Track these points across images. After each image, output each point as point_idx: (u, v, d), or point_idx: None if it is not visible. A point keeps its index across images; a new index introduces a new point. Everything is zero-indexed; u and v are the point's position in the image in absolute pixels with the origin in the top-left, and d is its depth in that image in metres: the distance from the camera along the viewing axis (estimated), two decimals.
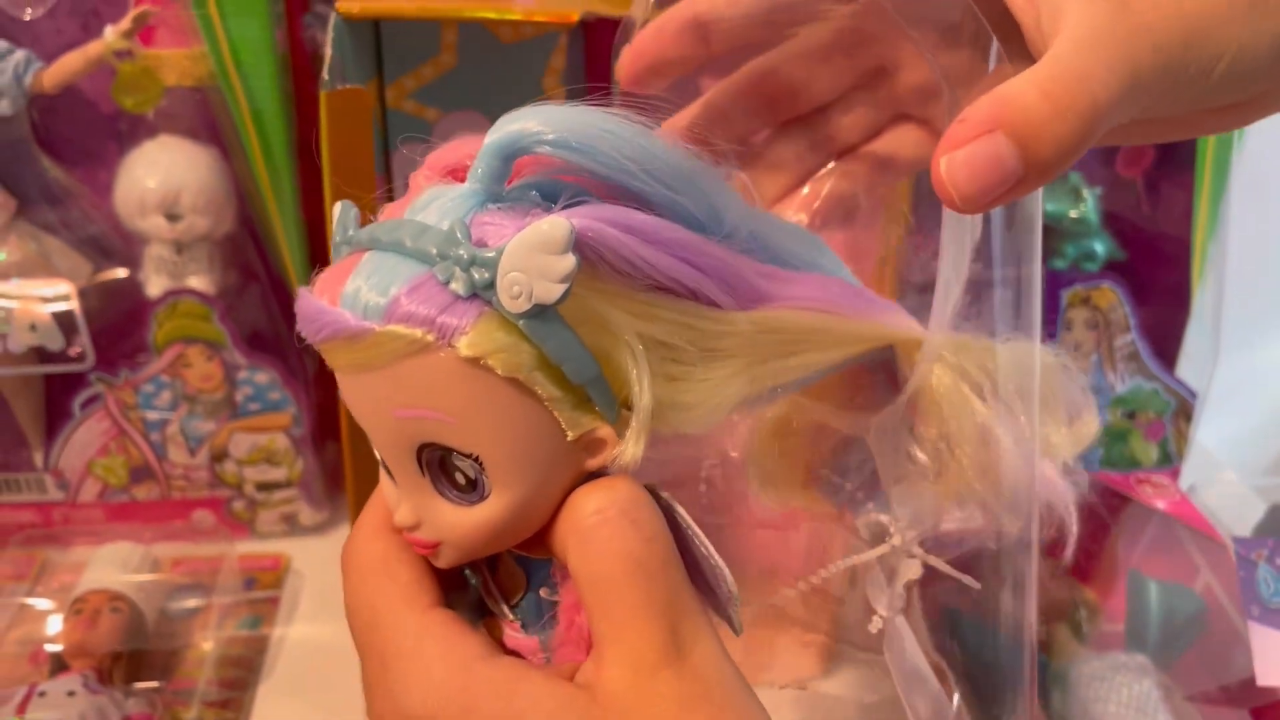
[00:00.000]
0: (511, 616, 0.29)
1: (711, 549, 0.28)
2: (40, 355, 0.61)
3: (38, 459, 0.64)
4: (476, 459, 0.25)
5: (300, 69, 0.63)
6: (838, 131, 0.37)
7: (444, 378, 0.25)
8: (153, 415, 0.63)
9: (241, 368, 0.62)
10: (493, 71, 0.49)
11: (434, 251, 0.24)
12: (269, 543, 0.67)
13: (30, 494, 0.64)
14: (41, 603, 0.59)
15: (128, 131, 0.61)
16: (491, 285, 0.24)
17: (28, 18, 0.57)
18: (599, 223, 0.25)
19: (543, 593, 0.28)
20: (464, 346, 0.24)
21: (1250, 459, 0.79)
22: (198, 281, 0.61)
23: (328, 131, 0.37)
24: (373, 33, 0.47)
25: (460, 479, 0.26)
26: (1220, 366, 0.68)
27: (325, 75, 0.36)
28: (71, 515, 0.65)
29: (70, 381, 0.62)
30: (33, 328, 0.59)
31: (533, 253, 0.24)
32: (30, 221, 0.61)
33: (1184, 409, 0.69)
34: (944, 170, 0.25)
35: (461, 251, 0.24)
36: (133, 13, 0.57)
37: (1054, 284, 0.66)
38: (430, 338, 0.24)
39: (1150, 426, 0.69)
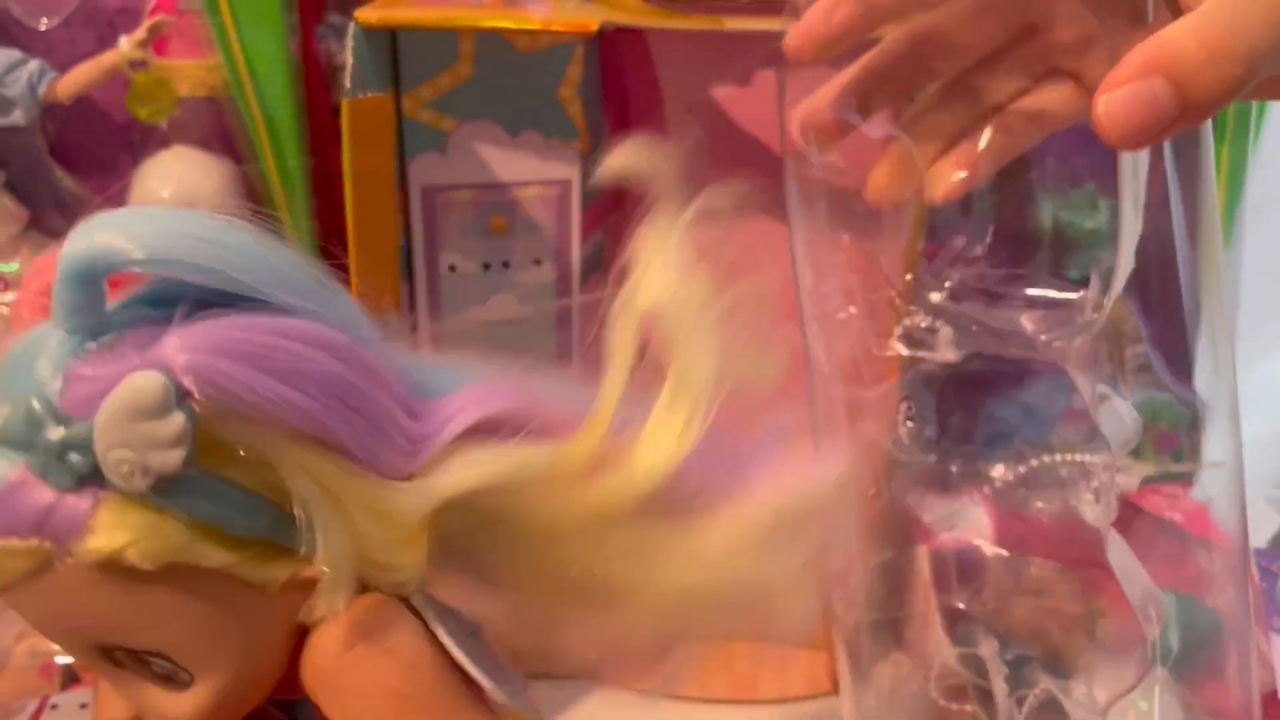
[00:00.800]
0: None
1: (468, 663, 0.24)
2: None
3: None
4: (162, 655, 0.22)
5: (313, 80, 0.63)
6: (991, 89, 0.38)
7: (82, 588, 0.21)
8: None
9: None
10: (509, 81, 0.49)
11: (21, 439, 0.20)
12: None
13: None
14: None
15: (140, 142, 0.61)
16: (98, 469, 0.20)
17: (43, 27, 0.57)
18: (208, 355, 0.20)
19: None
20: (89, 549, 0.20)
21: (1263, 471, 0.79)
22: None
23: (350, 140, 0.37)
24: (389, 42, 0.47)
25: (158, 668, 0.23)
26: (1238, 378, 0.68)
27: (347, 83, 0.36)
28: None
29: None
30: None
31: (128, 423, 0.20)
32: (42, 232, 0.60)
33: (1197, 421, 0.69)
34: (1102, 108, 0.26)
35: (49, 435, 0.20)
36: (148, 22, 0.57)
37: None
38: (47, 546, 0.20)
39: (1163, 438, 0.69)
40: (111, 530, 0.20)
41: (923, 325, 0.41)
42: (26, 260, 0.59)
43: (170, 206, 0.58)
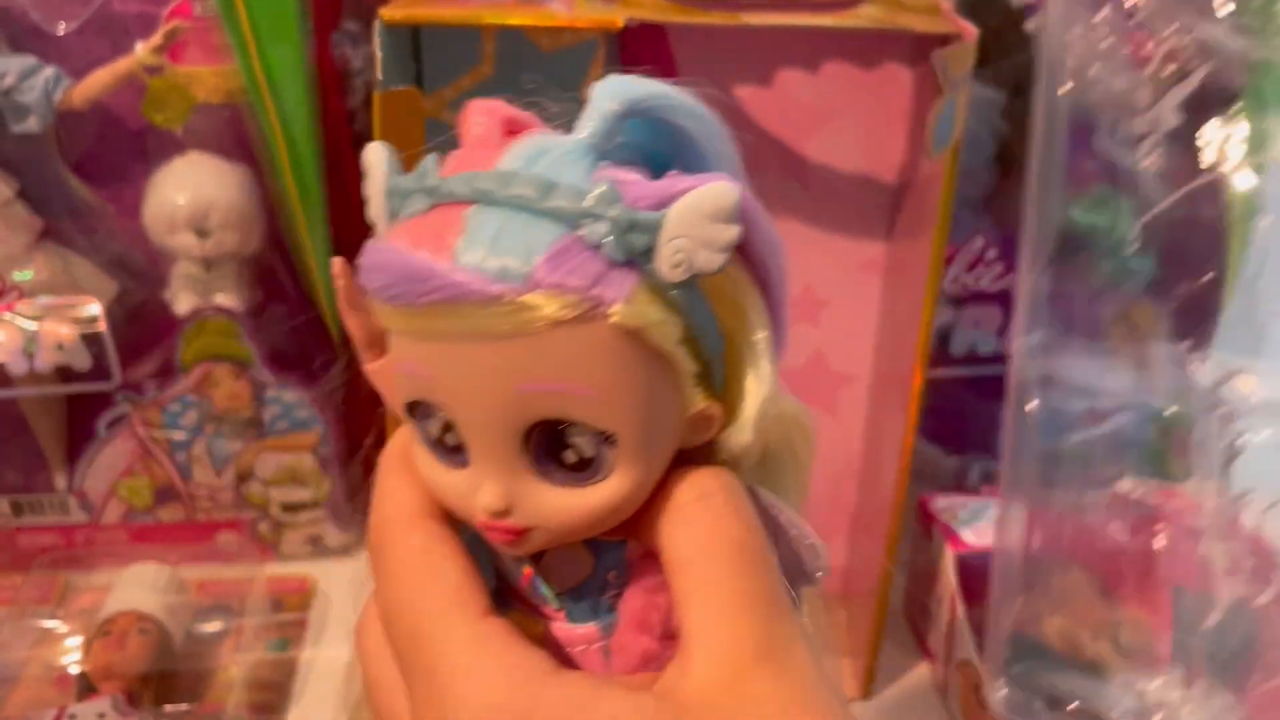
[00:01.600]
0: (557, 606, 0.26)
1: (806, 527, 0.26)
2: (64, 375, 0.60)
3: (59, 481, 0.63)
4: (609, 436, 0.23)
5: (329, 86, 0.63)
6: None
7: (592, 350, 0.22)
8: (179, 435, 0.62)
9: (269, 386, 0.61)
10: (531, 80, 0.49)
11: (575, 211, 0.22)
12: (294, 565, 0.66)
13: (53, 516, 0.63)
14: (65, 626, 0.58)
15: (156, 149, 0.60)
16: (648, 251, 0.22)
17: (61, 32, 0.57)
18: (745, 198, 0.23)
19: (610, 576, 0.26)
20: (620, 317, 0.22)
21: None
22: (225, 299, 0.60)
23: (381, 133, 0.36)
24: (412, 43, 0.46)
25: (571, 458, 0.24)
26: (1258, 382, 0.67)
27: (379, 75, 0.36)
28: (95, 538, 0.64)
29: (96, 402, 0.62)
30: (60, 347, 0.59)
31: (702, 219, 0.22)
32: (57, 241, 0.60)
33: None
34: None
35: (615, 213, 0.22)
36: (164, 27, 0.57)
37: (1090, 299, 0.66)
38: (583, 307, 0.22)
39: (1184, 442, 0.68)
40: (643, 307, 0.22)
41: None
42: (41, 269, 0.59)
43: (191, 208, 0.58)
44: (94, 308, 0.59)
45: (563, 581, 0.26)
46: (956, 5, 0.58)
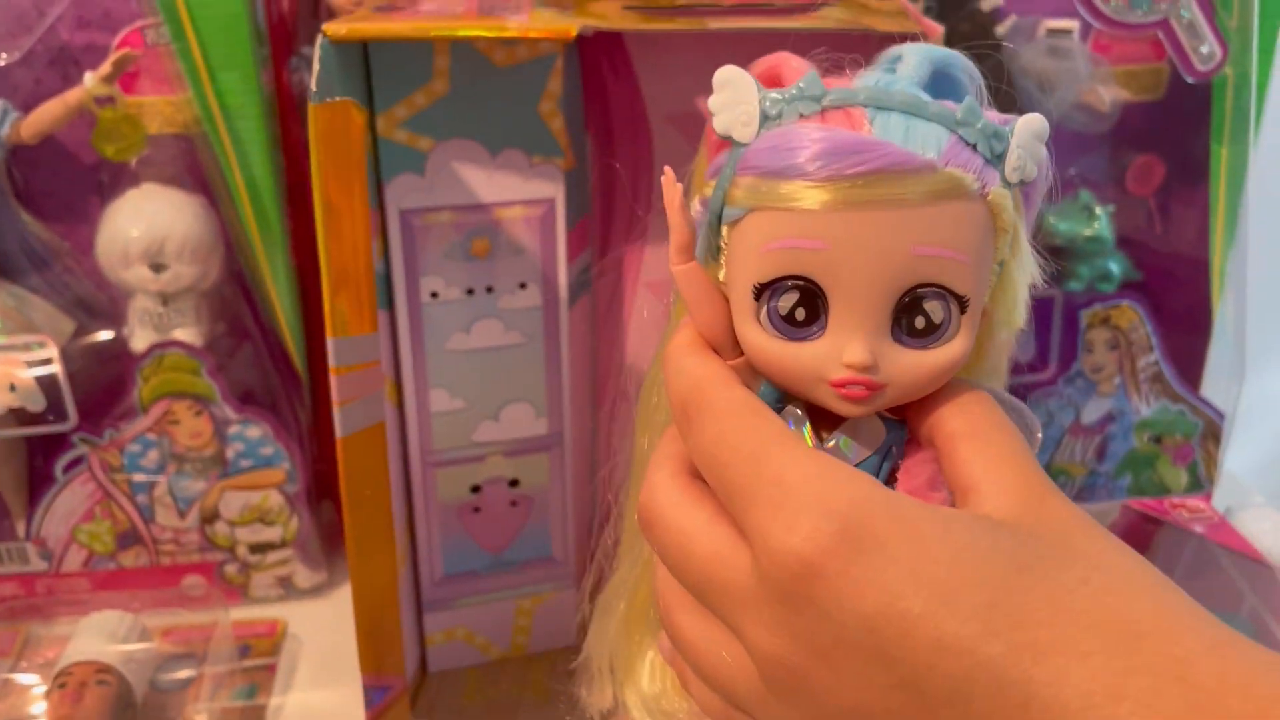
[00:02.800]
0: None
1: (1017, 401, 0.31)
2: (19, 417, 0.58)
3: (19, 528, 0.61)
4: (963, 300, 0.28)
5: (287, 113, 0.61)
6: None
7: (971, 222, 0.28)
8: (139, 476, 0.60)
9: (232, 422, 0.59)
10: (488, 97, 0.47)
11: (953, 118, 0.28)
12: (264, 607, 0.64)
13: (12, 565, 0.61)
14: (27, 678, 0.56)
15: (110, 183, 0.59)
16: (1002, 156, 0.28)
17: (3, 63, 0.55)
18: None
19: (893, 449, 0.30)
20: (994, 196, 0.28)
21: (1275, 484, 0.77)
22: (185, 334, 0.58)
23: (317, 147, 0.35)
24: (362, 59, 0.45)
25: (920, 324, 0.28)
26: (1246, 386, 0.66)
27: (313, 87, 0.34)
28: (56, 586, 0.62)
29: (52, 444, 0.59)
30: (12, 388, 0.57)
31: (1032, 138, 0.28)
32: (10, 279, 0.58)
33: (1212, 431, 0.67)
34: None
35: (981, 124, 0.28)
36: (114, 56, 0.55)
37: (1071, 306, 0.64)
38: (976, 185, 0.27)
39: (1179, 450, 0.67)
40: (1002, 194, 0.28)
41: None
42: None
43: (145, 244, 0.56)
44: (48, 348, 0.57)
45: (849, 460, 0.30)
46: (928, 12, 0.57)
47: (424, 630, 0.57)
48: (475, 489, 0.55)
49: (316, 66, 0.36)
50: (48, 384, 0.57)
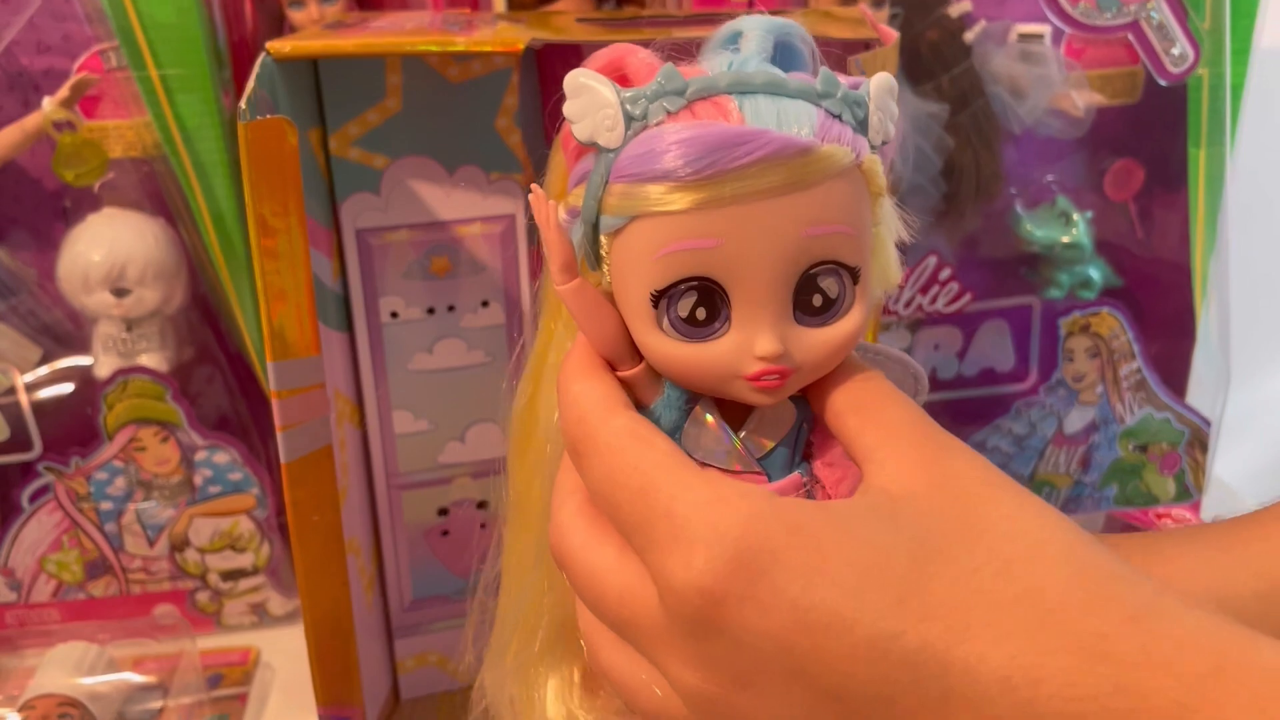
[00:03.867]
0: (758, 469, 0.30)
1: (906, 357, 0.32)
2: None
3: None
4: (855, 272, 0.28)
5: None
6: None
7: (854, 194, 0.28)
8: (106, 505, 0.59)
9: (199, 448, 0.59)
10: (441, 114, 0.46)
11: (815, 92, 0.27)
12: (237, 635, 0.63)
13: None
14: None
15: (73, 208, 0.58)
16: (864, 122, 0.28)
17: None
18: None
19: (804, 427, 0.30)
20: (867, 164, 0.28)
21: (1270, 490, 0.75)
22: (150, 359, 0.58)
23: (249, 166, 0.34)
24: (312, 77, 0.44)
25: (818, 301, 0.28)
26: (1233, 392, 0.65)
27: (243, 105, 0.34)
28: (25, 617, 0.61)
29: (17, 473, 0.59)
30: None
31: (886, 96, 0.29)
32: None
33: (1198, 438, 0.65)
34: None
35: (840, 93, 0.28)
36: (72, 80, 0.55)
37: (1050, 313, 0.63)
38: (852, 156, 0.27)
39: (1165, 459, 0.65)
40: (873, 162, 0.28)
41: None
42: None
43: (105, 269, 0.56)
44: (11, 376, 0.56)
45: (764, 445, 0.30)
46: (894, 19, 0.57)
47: (395, 656, 0.56)
48: (443, 511, 0.54)
49: (250, 84, 0.36)
50: (11, 413, 0.57)
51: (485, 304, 0.50)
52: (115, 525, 0.60)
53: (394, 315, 0.49)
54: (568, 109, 0.28)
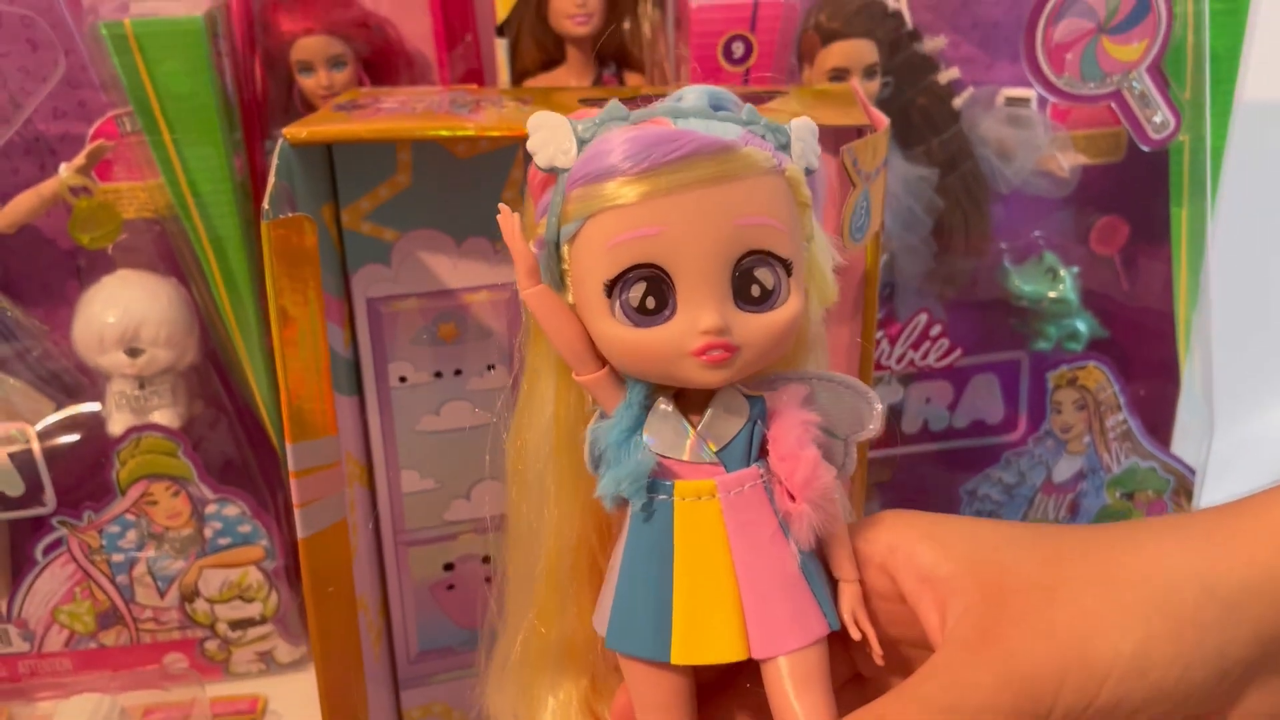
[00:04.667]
0: (715, 461, 0.32)
1: (860, 384, 0.34)
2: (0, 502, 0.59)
3: (1, 609, 0.61)
4: (787, 264, 0.31)
5: (260, 194, 0.62)
6: None
7: (780, 194, 0.31)
8: (119, 557, 0.60)
9: (209, 501, 0.60)
10: (450, 188, 0.48)
11: (740, 120, 0.31)
12: (245, 683, 0.64)
13: None
14: None
15: (87, 268, 0.60)
16: (786, 146, 0.32)
17: None
18: None
19: (758, 422, 0.32)
20: (790, 172, 0.32)
21: None
22: (162, 416, 0.59)
23: (272, 262, 0.36)
24: (325, 155, 0.46)
25: (755, 291, 0.31)
26: (1216, 439, 0.66)
27: (266, 205, 0.35)
28: (38, 667, 0.62)
29: (31, 526, 0.60)
30: None
31: (809, 133, 0.33)
32: None
33: (1183, 485, 0.67)
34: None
35: (764, 122, 0.32)
36: (88, 148, 0.56)
37: (1039, 366, 0.65)
38: (773, 163, 0.31)
39: (1150, 506, 0.67)
40: (794, 170, 0.32)
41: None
42: None
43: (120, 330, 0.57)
44: (25, 430, 0.58)
45: (721, 438, 0.32)
46: (885, 87, 0.58)
47: (401, 707, 0.57)
48: (449, 566, 0.55)
49: (271, 179, 0.37)
50: (26, 468, 0.58)
51: (491, 368, 0.52)
52: (127, 577, 0.61)
53: (403, 380, 0.51)
54: (530, 145, 0.31)
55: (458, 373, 0.51)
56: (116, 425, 0.59)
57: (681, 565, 0.31)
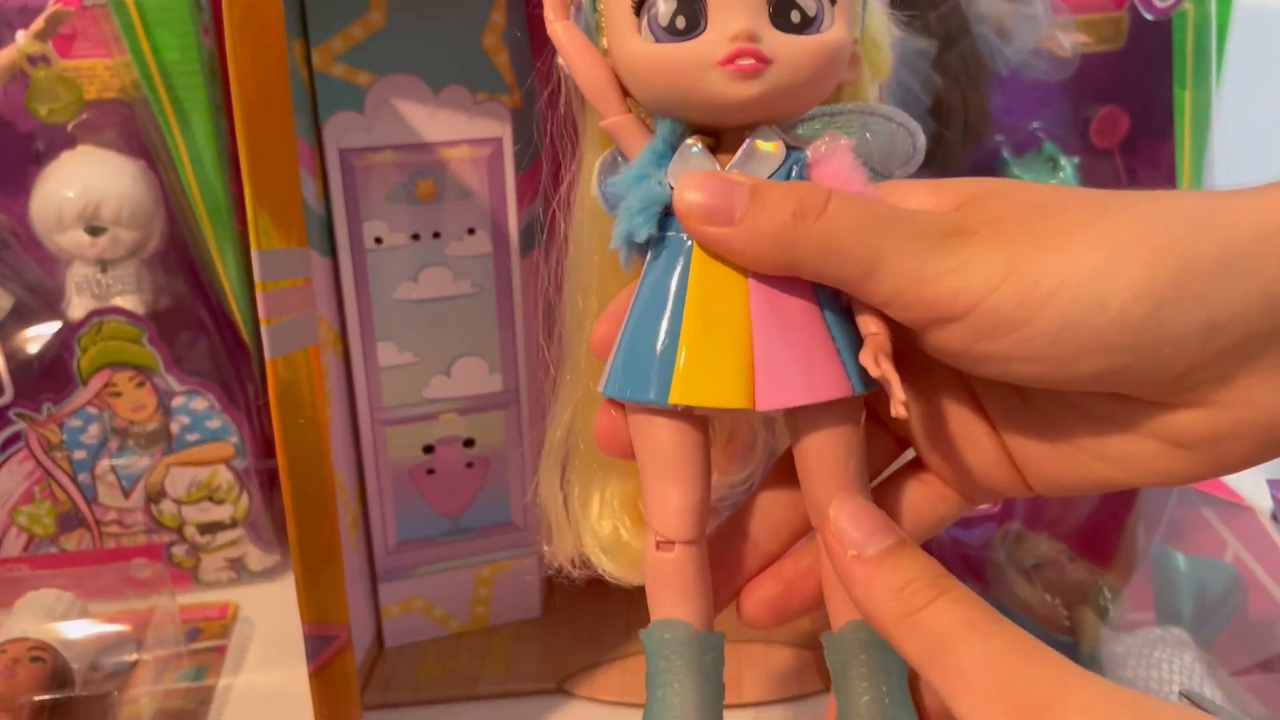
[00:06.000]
0: None
1: (903, 115, 0.32)
2: None
3: None
4: None
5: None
6: None
7: None
8: (80, 454, 0.58)
9: (176, 393, 0.57)
10: (428, 30, 0.46)
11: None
12: (214, 592, 0.61)
13: None
14: None
15: (46, 151, 0.57)
16: None
17: None
18: None
19: (793, 172, 0.29)
20: None
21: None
22: (125, 302, 0.56)
23: (234, 38, 0.33)
24: None
25: (796, 17, 0.28)
26: None
27: None
28: None
29: None
30: None
31: None
32: None
33: None
34: (680, 196, 0.28)
35: None
36: (46, 12, 0.54)
37: None
38: None
39: None
40: None
41: None
42: None
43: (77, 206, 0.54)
44: None
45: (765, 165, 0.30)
46: None
47: (379, 602, 0.54)
48: (428, 449, 0.53)
49: None
50: None
51: (471, 231, 0.49)
52: (89, 475, 0.58)
53: (378, 241, 0.48)
54: None
55: (436, 235, 0.49)
56: (77, 310, 0.56)
57: (693, 307, 0.28)
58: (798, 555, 0.32)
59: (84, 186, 0.54)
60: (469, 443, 0.53)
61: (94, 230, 0.55)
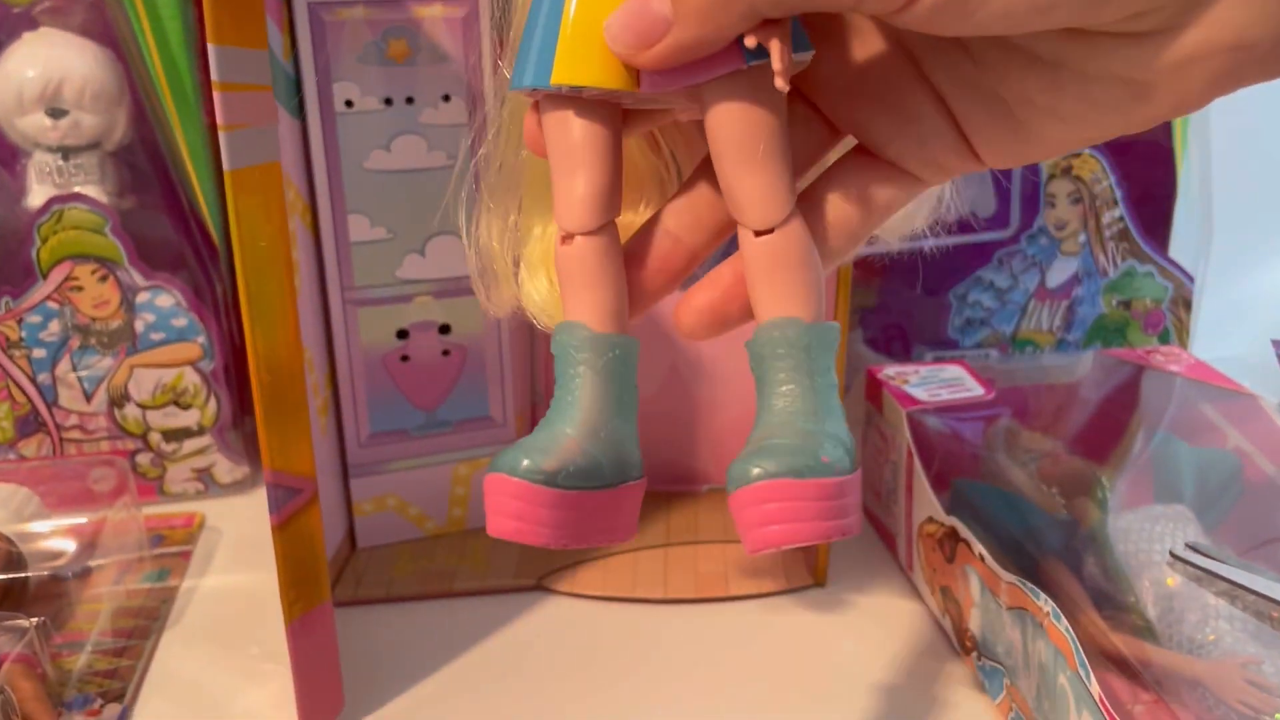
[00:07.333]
0: None
1: None
2: None
3: None
4: None
5: None
6: None
7: None
8: (40, 352, 0.55)
9: (141, 289, 0.55)
10: None
11: None
12: (181, 504, 0.59)
13: None
14: None
15: (7, 38, 0.55)
16: None
17: None
18: None
19: None
20: None
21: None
22: (88, 190, 0.54)
23: None
24: None
25: None
26: (1215, 245, 0.63)
27: None
28: None
29: None
30: None
31: None
32: None
33: (1182, 295, 0.64)
34: (605, 30, 0.26)
35: None
36: None
37: None
38: None
39: (1149, 317, 0.64)
40: None
41: None
42: None
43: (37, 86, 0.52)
44: None
45: None
46: None
47: (351, 498, 0.52)
48: (402, 334, 0.51)
49: None
50: None
51: (446, 98, 0.48)
52: (49, 375, 0.56)
53: (349, 104, 0.46)
54: None
55: (409, 101, 0.47)
56: (37, 197, 0.54)
57: None
58: (734, 261, 0.30)
59: (45, 66, 0.52)
60: (445, 329, 0.51)
61: (55, 112, 0.53)
